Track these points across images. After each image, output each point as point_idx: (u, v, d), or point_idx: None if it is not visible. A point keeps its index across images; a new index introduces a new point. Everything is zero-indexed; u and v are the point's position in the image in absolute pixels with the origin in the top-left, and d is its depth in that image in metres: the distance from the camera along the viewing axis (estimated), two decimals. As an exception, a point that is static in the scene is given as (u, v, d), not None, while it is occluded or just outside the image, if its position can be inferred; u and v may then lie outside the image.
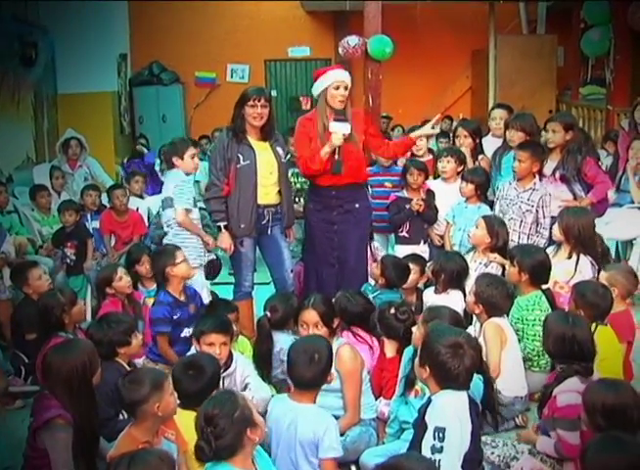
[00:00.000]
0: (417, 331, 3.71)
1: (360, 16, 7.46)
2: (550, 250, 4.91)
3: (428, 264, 5.06)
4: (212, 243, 5.22)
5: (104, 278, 4.95)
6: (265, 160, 5.07)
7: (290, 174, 6.19)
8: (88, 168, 8.15)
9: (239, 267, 5.24)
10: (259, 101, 4.96)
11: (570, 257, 4.79)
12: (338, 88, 5.03)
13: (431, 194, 5.70)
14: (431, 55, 12.29)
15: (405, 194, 5.71)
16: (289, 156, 5.44)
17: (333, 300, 4.26)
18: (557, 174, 5.53)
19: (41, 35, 9.52)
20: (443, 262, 4.78)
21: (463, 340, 2.98)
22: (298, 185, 6.46)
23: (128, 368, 3.84)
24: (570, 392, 3.36)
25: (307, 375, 3.27)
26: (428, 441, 2.88)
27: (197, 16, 12.37)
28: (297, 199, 6.30)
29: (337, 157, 5.02)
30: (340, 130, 4.94)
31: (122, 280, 4.91)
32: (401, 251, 5.60)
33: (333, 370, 3.48)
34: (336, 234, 5.20)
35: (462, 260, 4.83)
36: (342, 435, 3.44)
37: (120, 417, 3.61)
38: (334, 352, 3.75)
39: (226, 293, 5.36)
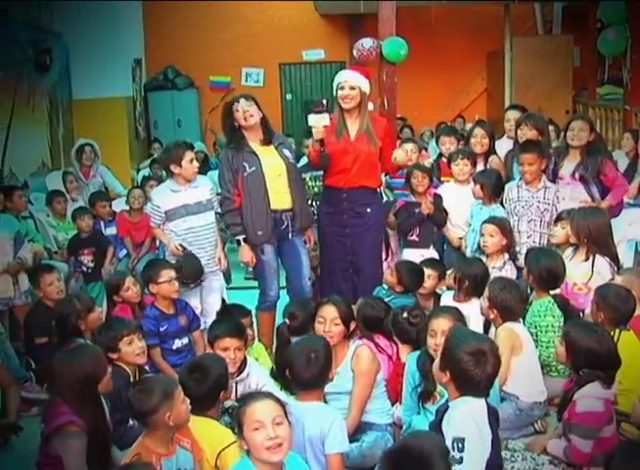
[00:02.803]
0: (430, 339, 3.68)
1: (375, 18, 7.45)
2: (569, 252, 4.86)
3: (449, 272, 4.97)
4: (176, 251, 5.13)
5: (111, 286, 4.95)
6: (271, 163, 5.05)
7: (308, 178, 6.20)
8: (101, 177, 8.22)
9: (262, 276, 5.21)
10: (239, 102, 5.00)
11: (587, 258, 4.73)
12: (342, 88, 5.11)
13: (438, 198, 5.65)
14: (446, 57, 12.24)
15: (413, 198, 5.66)
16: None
17: (353, 306, 4.23)
18: (577, 175, 5.46)
19: (55, 41, 9.59)
20: (466, 269, 4.68)
21: (486, 347, 2.93)
22: (316, 189, 6.39)
23: (129, 372, 3.86)
24: (590, 397, 3.33)
25: (306, 375, 3.27)
26: None
27: (211, 20, 12.40)
28: (314, 203, 6.24)
29: (322, 148, 5.02)
30: (318, 123, 4.90)
31: (130, 290, 4.88)
32: (409, 255, 5.55)
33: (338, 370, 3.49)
34: (348, 238, 5.20)
35: (484, 266, 4.73)
36: (350, 439, 3.39)
37: (130, 423, 3.60)
38: (351, 352, 3.84)
39: (242, 298, 5.33)
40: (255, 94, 5.23)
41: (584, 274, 4.68)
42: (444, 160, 6.15)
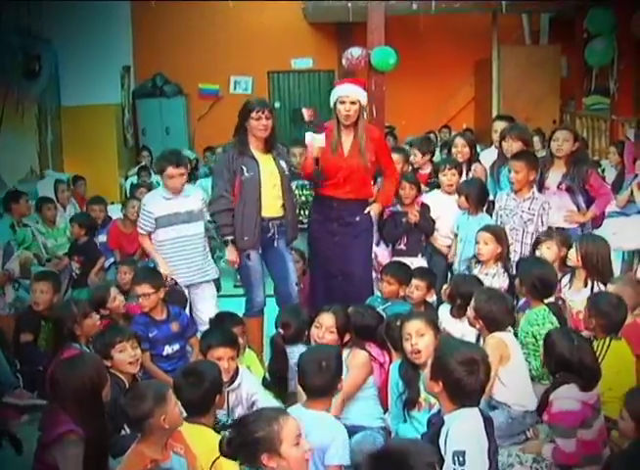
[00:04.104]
0: (406, 342, 3.74)
1: (363, 27, 7.53)
2: (565, 280, 4.87)
3: (444, 287, 5.00)
4: (166, 273, 5.11)
5: (97, 300, 4.88)
6: (269, 172, 5.10)
7: (295, 186, 6.23)
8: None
9: (248, 282, 5.25)
10: (264, 113, 5.01)
11: (585, 284, 4.74)
12: (343, 103, 5.11)
13: (425, 207, 5.71)
14: (434, 65, 12.34)
15: (399, 208, 5.70)
16: (292, 168, 5.49)
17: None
18: (563, 185, 5.51)
19: (44, 48, 9.58)
20: (459, 286, 4.69)
21: (478, 355, 2.96)
22: (303, 197, 6.47)
23: (125, 381, 3.87)
24: (565, 398, 3.43)
25: (317, 383, 3.33)
26: (448, 467, 2.82)
27: (200, 28, 12.45)
28: (302, 211, 6.33)
29: (316, 166, 5.11)
30: (314, 142, 5.02)
31: (117, 300, 4.90)
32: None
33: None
34: (337, 246, 5.26)
35: (478, 284, 4.70)
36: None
37: (122, 433, 3.61)
38: (346, 354, 3.93)
39: (231, 305, 5.36)
40: (244, 102, 5.27)
41: (585, 301, 4.65)
42: (420, 172, 6.28)
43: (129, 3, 11.84)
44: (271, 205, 5.12)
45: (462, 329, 4.41)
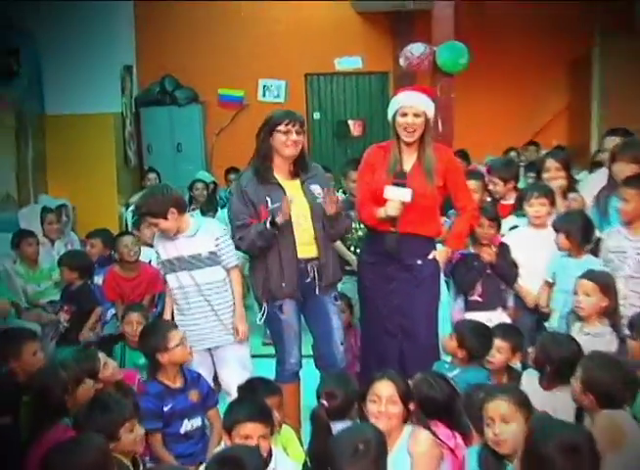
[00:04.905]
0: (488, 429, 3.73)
1: (427, 17, 7.56)
2: None
3: (530, 350, 4.97)
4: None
5: (85, 371, 4.73)
6: (297, 201, 5.18)
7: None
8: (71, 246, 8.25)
9: (280, 339, 5.31)
10: (294, 126, 5.13)
11: None
12: (405, 115, 5.21)
13: (505, 247, 5.77)
14: (516, 66, 12.31)
15: (472, 250, 5.78)
16: (348, 194, 5.54)
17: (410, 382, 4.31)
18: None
19: (25, 41, 9.71)
20: (549, 348, 4.59)
21: (581, 440, 2.94)
22: (361, 232, 6.47)
23: (129, 466, 3.87)
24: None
25: None
26: None
27: (220, 19, 12.50)
28: (357, 249, 6.40)
29: (393, 229, 5.18)
30: (396, 197, 5.10)
31: (108, 367, 4.84)
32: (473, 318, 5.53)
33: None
34: (394, 295, 5.34)
35: (575, 347, 4.60)
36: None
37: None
38: (406, 435, 3.99)
39: (259, 369, 5.42)
40: (279, 109, 5.41)
41: None
42: (502, 202, 6.35)
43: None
44: (305, 242, 5.23)
45: (553, 403, 4.35)
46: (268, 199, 5.12)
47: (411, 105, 5.20)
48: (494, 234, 5.74)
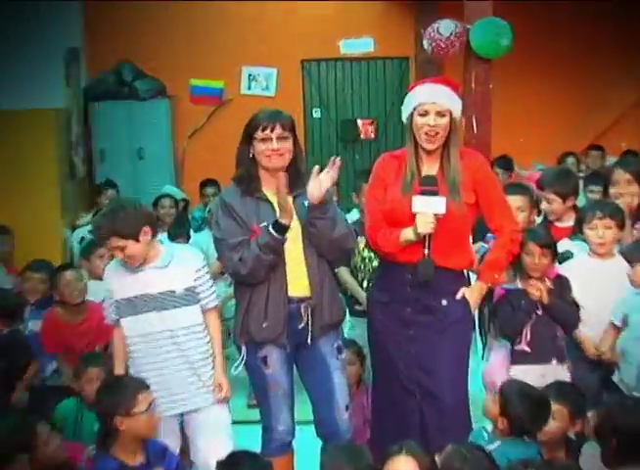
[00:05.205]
0: None
1: (458, -12, 7.58)
2: None
3: (589, 414, 4.97)
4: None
5: (16, 445, 4.72)
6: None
7: (362, 246, 6.46)
8: None
9: (265, 401, 5.32)
10: (273, 130, 5.11)
11: None
12: (425, 115, 5.17)
13: (563, 281, 5.76)
14: (572, 49, 12.38)
15: (519, 285, 5.76)
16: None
17: (436, 457, 4.30)
18: None
19: None
20: (617, 417, 4.51)
21: None
22: (375, 262, 6.48)
23: None
24: None
25: None
26: None
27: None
28: (369, 284, 6.43)
29: (426, 251, 5.13)
30: (429, 209, 5.06)
31: (50, 444, 4.83)
32: (520, 374, 5.57)
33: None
34: (413, 344, 5.33)
35: None
36: None
37: None
38: None
39: (247, 438, 5.43)
40: (265, 108, 5.40)
41: None
42: (558, 224, 6.44)
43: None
44: (296, 276, 5.22)
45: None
46: (256, 217, 5.13)
47: (433, 101, 5.15)
48: (548, 265, 5.69)
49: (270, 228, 4.98)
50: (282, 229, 4.98)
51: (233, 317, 5.57)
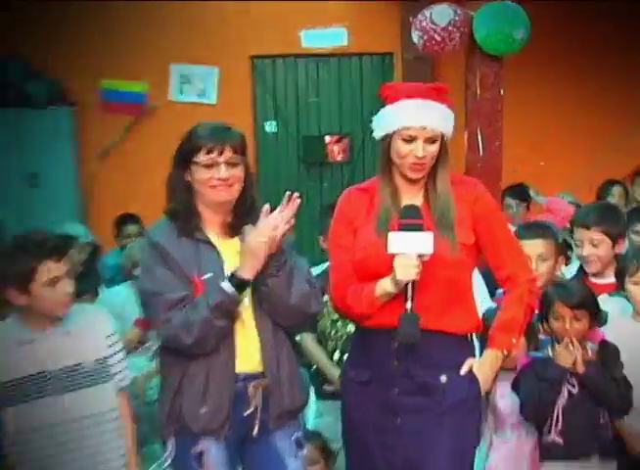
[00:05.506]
0: None
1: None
2: None
3: None
4: None
5: None
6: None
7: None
8: None
9: None
10: (221, 153, 5.06)
11: None
12: (410, 141, 5.09)
13: (611, 351, 5.76)
14: (607, 46, 12.49)
15: (549, 352, 5.79)
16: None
17: None
18: None
19: None
20: None
21: None
22: (351, 327, 6.44)
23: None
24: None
25: None
26: None
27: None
28: (341, 356, 6.53)
29: (408, 304, 5.03)
30: (410, 249, 4.98)
31: None
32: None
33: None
34: (400, 437, 5.23)
35: None
36: None
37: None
38: None
39: None
40: (203, 118, 5.42)
41: None
42: (596, 280, 6.51)
43: None
44: (245, 344, 5.19)
45: None
46: (198, 265, 5.07)
47: (423, 126, 5.10)
48: (585, 330, 5.72)
49: (225, 284, 4.91)
50: (241, 285, 4.95)
51: (157, 401, 5.45)
